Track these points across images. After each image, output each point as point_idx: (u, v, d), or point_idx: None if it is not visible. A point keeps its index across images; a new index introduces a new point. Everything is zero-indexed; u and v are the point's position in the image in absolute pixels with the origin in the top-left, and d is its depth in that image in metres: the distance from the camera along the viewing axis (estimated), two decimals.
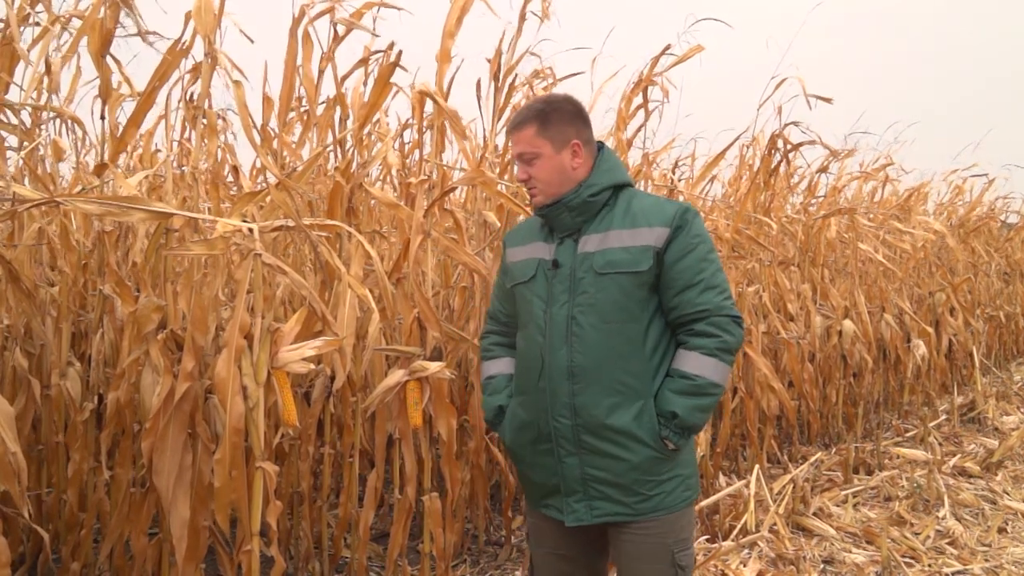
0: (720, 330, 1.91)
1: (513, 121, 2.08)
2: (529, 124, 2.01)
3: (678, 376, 1.92)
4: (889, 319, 6.00)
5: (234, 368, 2.09)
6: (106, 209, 1.94)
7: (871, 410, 6.17)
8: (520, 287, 2.09)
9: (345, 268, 2.50)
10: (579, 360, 1.93)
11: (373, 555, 3.41)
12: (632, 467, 1.91)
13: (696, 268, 1.92)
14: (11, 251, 2.70)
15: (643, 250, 1.92)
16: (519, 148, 2.03)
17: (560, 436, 1.96)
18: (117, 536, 2.53)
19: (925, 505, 4.35)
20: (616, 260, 1.92)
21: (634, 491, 1.92)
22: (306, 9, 2.65)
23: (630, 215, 1.96)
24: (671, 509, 1.95)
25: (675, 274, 1.92)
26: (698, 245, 1.94)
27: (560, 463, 1.97)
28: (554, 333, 1.96)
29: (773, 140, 4.50)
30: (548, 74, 3.39)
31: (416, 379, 2.68)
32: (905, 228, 6.50)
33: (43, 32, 2.45)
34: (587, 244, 1.97)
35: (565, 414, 1.94)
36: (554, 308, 1.97)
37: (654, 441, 1.91)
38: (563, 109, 2.03)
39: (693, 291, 1.91)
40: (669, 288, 1.93)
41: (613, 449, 1.91)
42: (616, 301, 1.92)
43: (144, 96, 2.37)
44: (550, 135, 1.99)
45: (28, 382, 2.78)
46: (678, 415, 1.89)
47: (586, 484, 1.95)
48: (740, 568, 3.39)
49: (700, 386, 1.90)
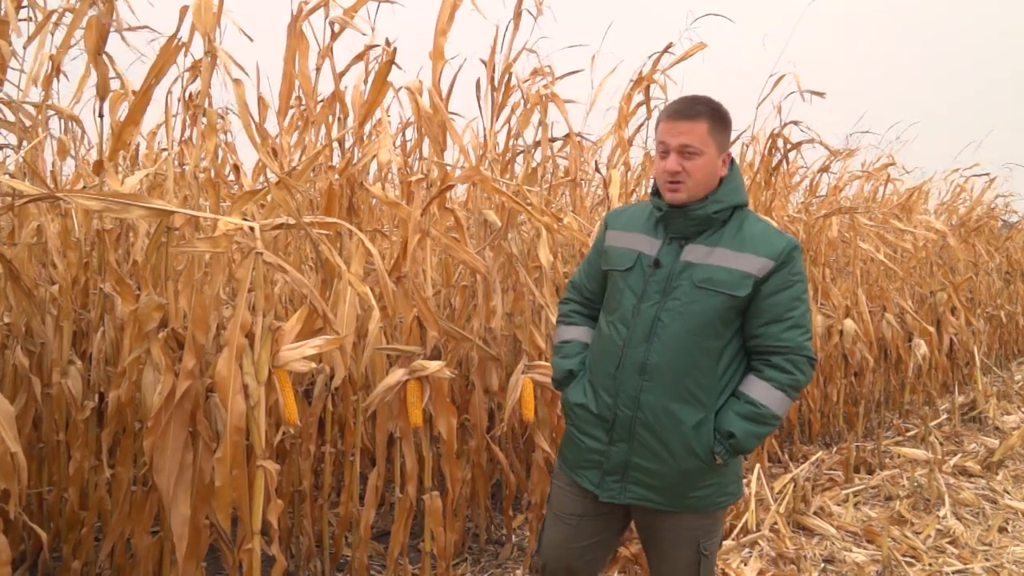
0: (796, 368, 1.96)
1: (685, 111, 1.99)
2: (704, 120, 1.96)
3: (745, 401, 1.97)
4: (890, 318, 6.00)
5: (235, 367, 2.09)
6: (106, 205, 1.93)
7: (872, 409, 6.17)
8: (615, 274, 2.11)
9: (346, 266, 2.50)
10: (655, 360, 1.97)
11: (374, 554, 3.41)
12: (676, 470, 1.98)
13: (788, 305, 1.97)
14: (11, 249, 2.70)
15: (744, 276, 1.95)
16: (686, 140, 1.95)
17: (618, 423, 2.02)
18: (118, 534, 2.53)
19: (926, 504, 4.35)
20: (716, 279, 1.95)
21: (672, 490, 2.00)
22: (303, 6, 2.64)
23: (739, 238, 1.99)
24: (703, 511, 2.03)
25: (767, 305, 1.96)
26: (796, 283, 1.98)
27: (611, 446, 2.04)
28: (638, 327, 2.00)
29: (773, 139, 4.49)
30: (548, 72, 3.39)
31: (416, 378, 2.68)
32: (906, 227, 6.49)
33: (38, 29, 2.45)
34: (691, 253, 2.00)
35: (629, 404, 2.00)
36: (644, 305, 2.01)
37: (704, 454, 1.97)
38: (728, 117, 2.03)
39: (780, 326, 1.96)
40: (757, 317, 1.97)
41: (663, 449, 1.97)
42: (704, 315, 1.96)
43: (140, 93, 2.37)
44: (718, 138, 1.98)
45: (29, 380, 2.79)
46: (735, 436, 1.94)
47: (626, 469, 2.02)
48: (741, 567, 3.39)
49: (763, 415, 1.96)
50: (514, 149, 3.65)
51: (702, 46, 3.52)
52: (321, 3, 2.59)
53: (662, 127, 2.02)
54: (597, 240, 2.27)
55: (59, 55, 2.54)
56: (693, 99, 2.03)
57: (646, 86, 3.61)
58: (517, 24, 2.99)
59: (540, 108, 3.35)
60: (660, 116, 2.07)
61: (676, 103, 2.05)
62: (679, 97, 2.10)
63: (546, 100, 3.31)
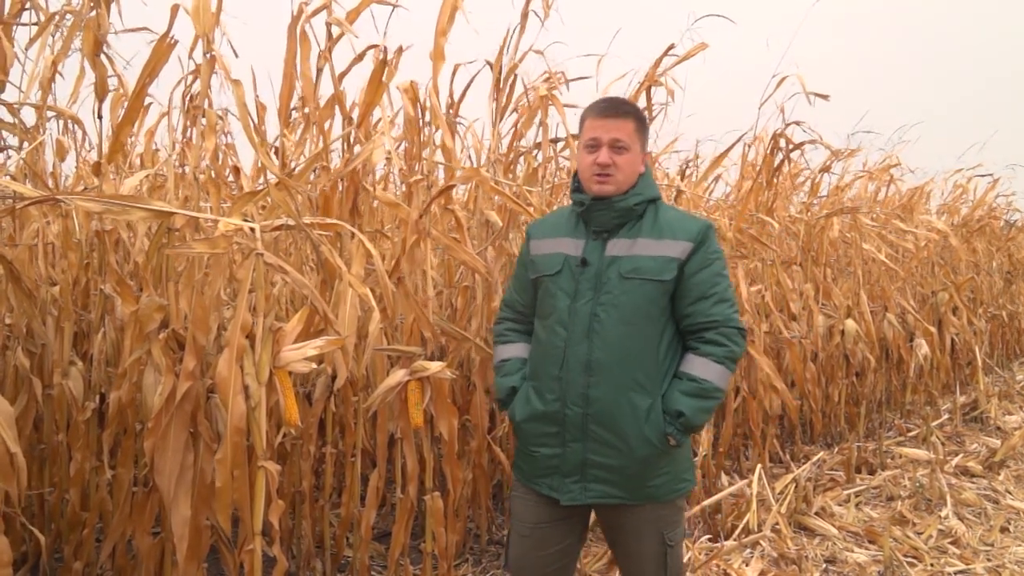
0: (728, 340, 2.07)
1: (615, 108, 2.15)
2: (631, 118, 2.13)
3: (687, 379, 2.06)
4: (892, 318, 5.99)
5: (236, 368, 2.09)
6: (106, 207, 1.93)
7: (873, 409, 6.16)
8: (544, 280, 2.18)
9: (346, 267, 2.49)
10: (598, 355, 2.04)
11: (375, 554, 3.41)
12: (633, 459, 2.04)
13: (712, 282, 2.08)
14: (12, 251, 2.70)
15: (668, 261, 2.05)
16: (617, 135, 2.09)
17: (569, 423, 2.07)
18: (119, 535, 2.53)
19: (927, 505, 4.35)
20: (642, 267, 2.05)
21: (630, 480, 2.05)
22: (303, 7, 2.64)
23: (657, 226, 2.10)
24: (662, 499, 2.10)
25: (692, 285, 2.07)
26: (715, 261, 2.10)
27: (564, 447, 2.09)
28: (576, 327, 2.07)
29: (775, 139, 4.49)
30: (560, 78, 3.39)
31: (417, 379, 2.67)
32: (908, 227, 6.49)
33: (40, 30, 2.45)
34: (615, 248, 2.10)
35: (578, 403, 2.06)
36: (578, 303, 2.08)
37: (658, 438, 2.04)
38: (647, 120, 2.23)
39: (707, 302, 2.06)
40: (685, 297, 2.07)
41: (618, 441, 2.03)
42: (637, 304, 2.05)
43: (135, 93, 2.36)
44: (641, 136, 2.15)
45: (30, 381, 2.78)
46: (684, 414, 2.02)
47: (585, 468, 2.07)
48: (742, 568, 3.38)
49: (706, 390, 2.04)
50: (517, 150, 3.65)
51: (703, 47, 3.52)
52: (323, 6, 2.58)
53: (591, 123, 2.14)
54: (522, 254, 2.36)
55: (59, 56, 2.54)
56: (620, 100, 2.23)
57: (647, 87, 3.60)
58: (523, 26, 3.00)
59: (542, 109, 3.35)
60: (586, 114, 2.19)
61: (604, 102, 2.20)
62: (603, 98, 2.26)
63: (546, 101, 3.31)
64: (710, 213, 5.48)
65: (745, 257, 4.58)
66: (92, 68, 2.42)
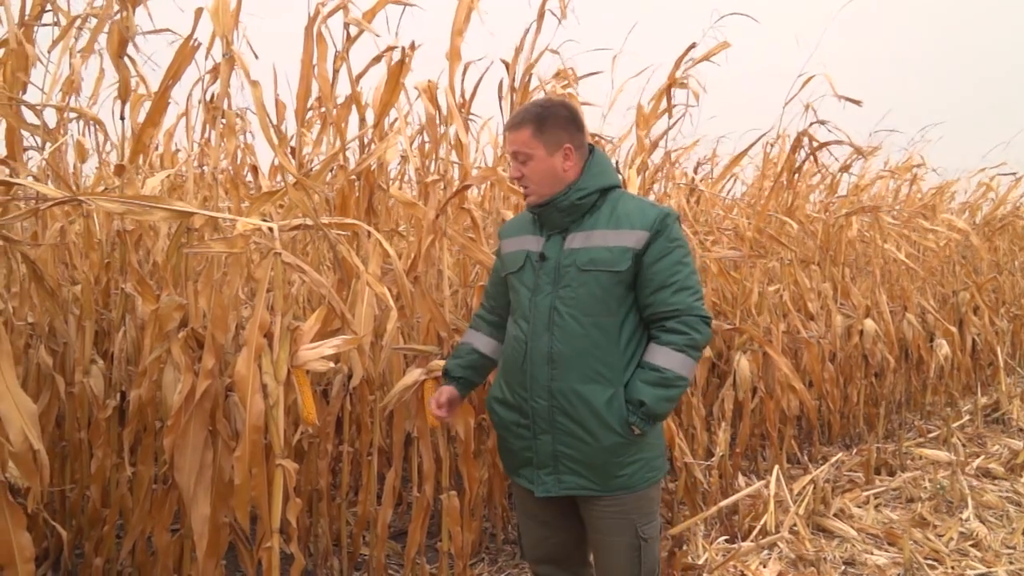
0: (690, 328, 2.05)
1: (510, 121, 2.20)
2: (526, 126, 2.12)
3: (649, 368, 2.06)
4: (911, 318, 5.93)
5: (254, 366, 2.10)
6: (127, 208, 1.95)
7: (893, 410, 6.10)
8: (511, 276, 2.23)
9: (363, 266, 2.51)
10: (559, 348, 2.07)
11: (391, 553, 3.42)
12: (600, 449, 2.05)
13: (671, 271, 2.06)
14: (35, 250, 2.73)
15: (623, 251, 2.05)
16: (514, 147, 2.15)
17: (537, 416, 2.11)
18: (139, 532, 2.56)
19: (948, 507, 4.30)
20: (598, 258, 2.06)
21: (600, 470, 2.07)
22: (320, 8, 2.65)
23: (615, 217, 2.10)
24: (634, 489, 2.10)
25: (651, 274, 2.06)
26: (675, 249, 2.08)
27: (535, 439, 2.13)
28: (537, 321, 2.11)
29: (798, 139, 4.44)
30: (570, 75, 3.38)
31: (434, 378, 2.68)
32: (929, 226, 6.42)
33: (63, 33, 2.48)
34: (573, 241, 2.11)
35: (543, 395, 2.09)
36: (539, 298, 2.12)
37: (621, 427, 2.05)
38: (559, 114, 2.14)
39: (667, 291, 2.05)
40: (645, 287, 2.07)
41: (583, 432, 2.06)
42: (595, 296, 2.06)
43: (158, 94, 2.39)
44: (545, 139, 2.12)
45: (52, 379, 2.82)
46: (646, 403, 2.03)
47: (557, 460, 2.10)
48: (760, 569, 3.36)
49: (668, 379, 2.04)
50: None
51: (726, 45, 3.48)
52: (339, 7, 2.60)
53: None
54: (497, 252, 2.39)
55: (83, 59, 2.57)
56: (520, 109, 2.22)
57: (668, 87, 3.58)
58: (540, 26, 2.99)
59: None
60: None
61: (512, 115, 2.25)
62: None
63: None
64: (728, 213, 5.46)
65: (763, 257, 4.55)
66: (116, 69, 2.45)
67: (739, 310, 4.34)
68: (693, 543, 3.56)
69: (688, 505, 3.79)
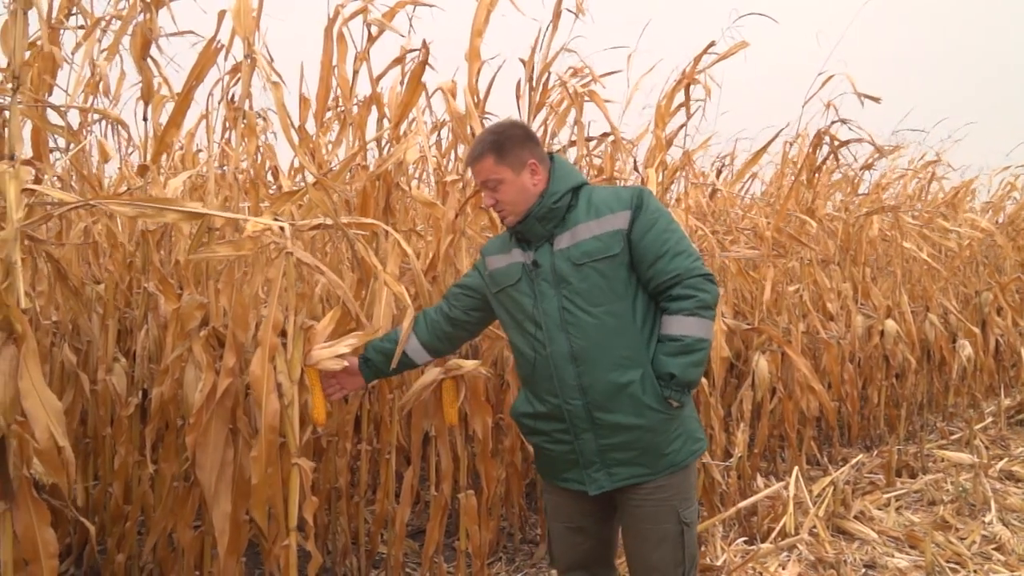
0: (695, 290, 2.07)
1: (470, 155, 2.24)
2: (486, 155, 2.17)
3: (668, 340, 2.08)
4: (933, 319, 5.86)
5: (269, 366, 2.12)
6: (140, 211, 1.96)
7: (914, 412, 6.03)
8: (508, 290, 2.22)
9: (382, 266, 2.52)
10: (578, 344, 2.08)
11: (409, 551, 3.43)
12: (645, 430, 2.07)
13: (661, 239, 2.09)
14: (59, 250, 2.77)
15: (612, 235, 2.09)
16: (481, 177, 2.19)
17: (574, 416, 2.11)
18: (161, 529, 2.58)
19: (971, 510, 4.24)
20: (590, 249, 2.09)
21: (649, 452, 2.09)
22: (340, 9, 2.67)
23: (593, 207, 2.14)
24: (681, 464, 2.12)
25: (644, 249, 2.09)
26: (658, 219, 2.11)
27: (577, 440, 2.12)
28: (549, 324, 2.12)
29: (819, 137, 4.40)
30: (587, 74, 3.37)
31: (452, 377, 2.69)
32: (952, 226, 6.34)
33: (87, 34, 2.51)
34: (561, 242, 2.14)
35: (575, 395, 2.09)
36: (544, 303, 2.13)
37: (659, 403, 2.07)
38: (514, 135, 2.20)
39: (664, 260, 2.08)
40: (642, 262, 2.10)
41: (624, 419, 2.07)
42: (599, 285, 2.08)
43: (182, 96, 2.41)
44: (508, 161, 2.16)
45: (77, 377, 2.85)
46: (675, 375, 2.05)
47: (603, 455, 2.10)
48: (779, 571, 3.34)
49: (688, 345, 2.06)
50: (549, 147, 3.64)
51: (744, 44, 3.46)
52: (360, 10, 2.61)
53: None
54: (477, 267, 2.39)
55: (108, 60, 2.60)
56: (476, 140, 2.26)
57: (686, 85, 3.56)
58: (556, 24, 2.99)
59: (576, 107, 3.33)
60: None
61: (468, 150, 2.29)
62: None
63: (582, 99, 3.29)
64: (747, 211, 5.42)
65: (783, 256, 4.52)
66: (139, 71, 2.48)
67: (758, 310, 4.31)
68: (711, 544, 3.54)
69: (706, 506, 3.77)
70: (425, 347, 2.41)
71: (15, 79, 1.81)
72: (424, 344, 2.40)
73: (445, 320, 2.39)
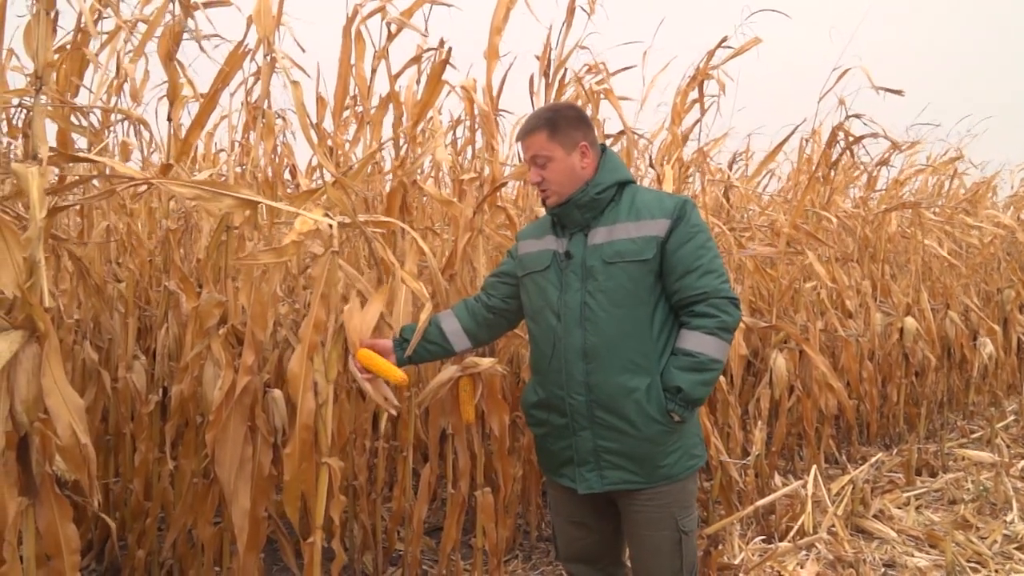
0: (719, 311, 2.06)
1: (523, 129, 2.23)
2: (540, 130, 2.16)
3: (682, 354, 2.07)
4: (954, 316, 5.80)
5: (307, 364, 2.12)
6: (197, 192, 1.96)
7: (934, 410, 5.98)
8: (535, 275, 2.22)
9: (399, 264, 2.52)
10: (592, 341, 2.08)
11: (426, 548, 3.44)
12: (642, 439, 2.06)
13: (695, 255, 2.07)
14: (81, 248, 2.80)
15: (648, 240, 2.08)
16: (532, 152, 2.18)
17: (575, 412, 2.11)
18: (181, 525, 2.61)
19: (992, 509, 4.20)
20: (623, 250, 2.08)
21: (643, 461, 2.08)
22: (359, 8, 2.67)
23: (634, 209, 2.13)
24: (676, 478, 2.11)
25: (676, 261, 2.08)
26: (696, 234, 2.09)
27: (574, 436, 2.13)
28: (569, 317, 2.11)
29: (834, 133, 4.37)
30: (601, 69, 3.36)
31: (469, 375, 2.69)
32: (973, 223, 6.27)
33: (112, 36, 2.53)
34: (596, 236, 2.13)
35: (580, 391, 2.10)
36: (568, 295, 2.12)
37: (661, 415, 2.05)
38: (569, 115, 2.19)
39: (693, 275, 2.07)
40: (671, 273, 2.09)
41: (624, 424, 2.06)
42: (624, 287, 2.07)
43: (208, 98, 2.43)
44: (560, 139, 2.15)
45: (98, 374, 2.88)
46: (683, 389, 2.04)
47: (598, 455, 2.10)
48: (797, 570, 3.32)
49: (702, 362, 2.05)
50: None
51: (757, 41, 3.44)
52: (378, 9, 2.61)
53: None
54: (511, 253, 2.41)
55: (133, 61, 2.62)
56: (531, 115, 2.26)
57: (700, 81, 3.55)
58: (570, 21, 2.98)
59: (592, 104, 3.32)
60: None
61: (522, 124, 2.28)
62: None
63: (598, 97, 3.29)
64: (764, 209, 5.38)
65: (800, 253, 4.48)
66: (165, 72, 2.50)
67: (775, 307, 4.28)
68: (729, 543, 3.53)
69: (724, 504, 3.75)
70: (466, 332, 2.38)
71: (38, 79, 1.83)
72: (465, 328, 2.38)
73: (485, 308, 2.39)
